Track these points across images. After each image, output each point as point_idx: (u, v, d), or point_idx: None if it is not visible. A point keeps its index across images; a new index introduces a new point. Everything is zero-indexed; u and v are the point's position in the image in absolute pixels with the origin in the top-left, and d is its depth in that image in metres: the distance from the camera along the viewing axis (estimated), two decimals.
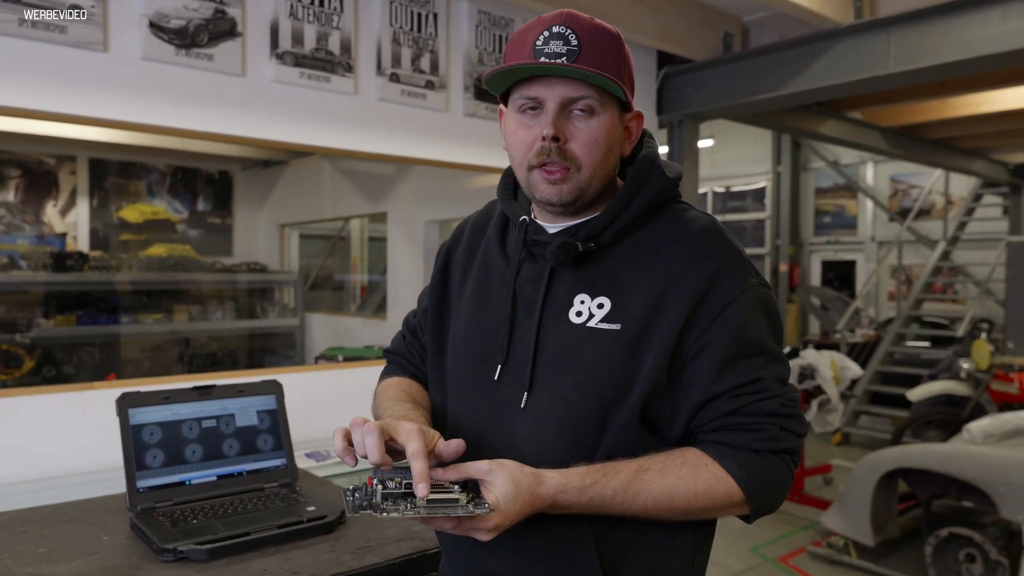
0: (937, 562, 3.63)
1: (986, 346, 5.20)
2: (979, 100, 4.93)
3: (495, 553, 1.02)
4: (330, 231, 5.96)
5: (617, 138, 1.02)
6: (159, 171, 5.38)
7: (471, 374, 1.08)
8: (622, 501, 0.93)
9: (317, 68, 2.45)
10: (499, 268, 1.11)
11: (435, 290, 1.20)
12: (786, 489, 1.02)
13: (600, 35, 0.97)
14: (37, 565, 1.33)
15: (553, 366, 1.00)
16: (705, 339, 0.97)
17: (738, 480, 0.96)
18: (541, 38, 0.96)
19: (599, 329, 0.99)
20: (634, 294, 0.99)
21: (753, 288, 1.00)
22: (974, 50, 2.83)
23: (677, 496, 0.94)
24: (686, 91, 3.66)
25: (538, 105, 0.98)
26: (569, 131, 0.98)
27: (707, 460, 0.97)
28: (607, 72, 0.95)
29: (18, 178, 4.82)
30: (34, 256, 4.35)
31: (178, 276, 4.83)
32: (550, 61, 0.95)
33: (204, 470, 1.62)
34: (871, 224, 9.83)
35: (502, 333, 1.05)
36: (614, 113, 1.00)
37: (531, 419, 1.01)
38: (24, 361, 4.12)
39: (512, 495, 0.88)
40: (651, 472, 0.95)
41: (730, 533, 4.48)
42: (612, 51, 0.98)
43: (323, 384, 2.58)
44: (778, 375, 1.00)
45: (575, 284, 1.03)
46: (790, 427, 0.99)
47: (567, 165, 0.98)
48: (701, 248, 1.01)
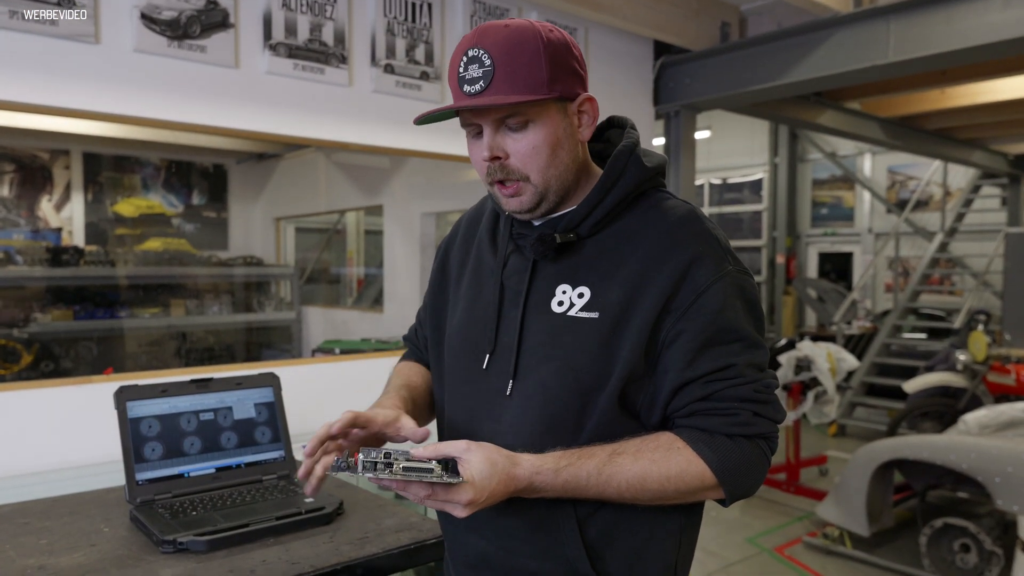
0: (932, 552, 3.65)
1: (983, 338, 5.21)
2: (979, 90, 4.92)
3: (485, 536, 1.07)
4: (326, 224, 5.95)
5: (564, 133, 1.02)
6: (153, 165, 5.36)
7: (463, 364, 1.12)
8: (596, 484, 0.96)
9: (311, 59, 2.44)
10: (489, 261, 1.14)
11: (433, 286, 1.25)
12: (761, 474, 1.02)
13: (513, 45, 0.96)
14: (39, 556, 1.34)
15: (536, 354, 1.04)
16: (680, 326, 0.99)
17: (709, 463, 0.97)
18: (462, 64, 0.99)
19: (579, 318, 1.02)
20: (612, 283, 1.01)
21: (730, 275, 1.01)
22: (975, 39, 2.82)
23: (650, 479, 0.96)
24: (683, 81, 3.65)
25: (479, 128, 1.02)
26: (508, 147, 1.01)
27: (680, 444, 0.98)
28: (524, 83, 0.96)
29: (12, 173, 4.80)
30: (30, 251, 4.33)
31: (174, 270, 4.82)
32: (471, 88, 0.97)
33: (202, 462, 1.62)
34: (868, 216, 9.83)
35: (490, 324, 1.09)
36: (553, 113, 1.00)
37: (516, 406, 1.04)
38: (22, 356, 4.11)
39: (487, 472, 0.91)
40: (624, 456, 0.97)
41: (725, 523, 4.51)
42: (526, 59, 0.96)
43: (320, 377, 2.59)
44: (754, 361, 1.01)
45: (557, 275, 1.06)
46: (764, 412, 1.00)
47: (516, 178, 1.02)
48: (678, 236, 1.02)
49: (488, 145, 1.01)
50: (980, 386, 5.15)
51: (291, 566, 1.29)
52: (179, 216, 5.46)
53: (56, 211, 4.94)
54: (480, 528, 1.08)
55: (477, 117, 1.00)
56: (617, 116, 1.15)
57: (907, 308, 7.62)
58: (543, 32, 0.98)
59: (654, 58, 3.67)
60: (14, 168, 4.81)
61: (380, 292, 4.96)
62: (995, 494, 3.30)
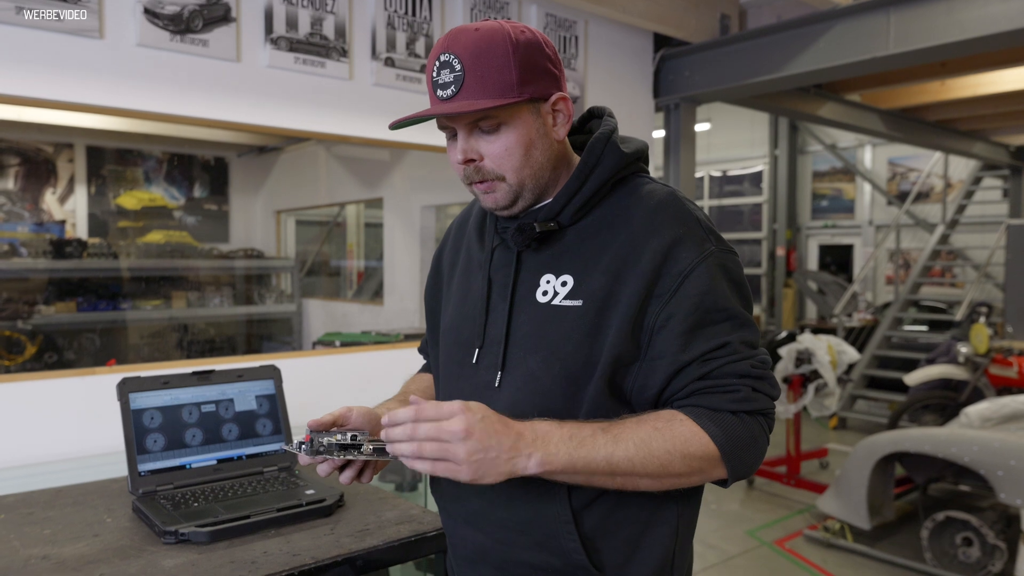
0: (934, 546, 3.64)
1: (985, 330, 5.20)
2: (979, 81, 4.91)
3: (482, 530, 1.08)
4: (326, 217, 5.96)
5: (538, 134, 1.02)
6: (155, 158, 5.36)
7: (456, 360, 1.14)
8: (603, 443, 0.93)
9: (312, 53, 2.44)
10: (477, 257, 1.16)
11: (430, 292, 1.27)
12: (762, 451, 1.02)
13: (483, 50, 0.97)
14: (43, 546, 1.35)
15: (523, 346, 1.04)
16: (668, 311, 0.99)
17: (713, 437, 0.96)
18: (435, 69, 1.00)
19: (562, 307, 1.02)
20: (595, 270, 1.02)
21: (712, 255, 1.01)
22: (975, 30, 2.82)
23: (655, 444, 0.94)
24: (683, 74, 3.64)
25: (454, 131, 1.03)
26: (482, 149, 1.02)
27: (682, 416, 0.97)
28: (493, 87, 0.97)
29: (17, 166, 4.81)
30: (34, 243, 4.36)
31: (176, 263, 4.84)
32: (443, 93, 0.99)
33: (204, 454, 1.63)
34: (869, 208, 9.82)
35: (479, 318, 1.10)
36: (525, 114, 1.01)
37: (505, 398, 1.04)
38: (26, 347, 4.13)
39: (480, 408, 0.90)
40: (627, 422, 0.96)
41: (725, 516, 4.52)
42: (496, 62, 0.97)
43: (321, 369, 2.60)
44: (746, 339, 1.01)
45: (541, 265, 1.06)
46: (762, 388, 1.00)
47: (490, 178, 1.03)
48: (657, 220, 1.02)
49: (462, 148, 1.02)
50: (982, 379, 5.14)
51: (292, 558, 1.31)
52: (181, 209, 5.47)
53: (60, 204, 4.96)
54: (477, 522, 1.08)
55: (451, 121, 1.02)
56: (597, 107, 1.16)
57: (908, 300, 7.62)
58: (513, 34, 0.98)
59: (654, 51, 3.67)
60: (19, 161, 4.82)
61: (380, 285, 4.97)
62: (998, 488, 3.30)
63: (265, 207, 5.75)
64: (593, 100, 3.32)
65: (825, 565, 3.80)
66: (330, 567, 1.31)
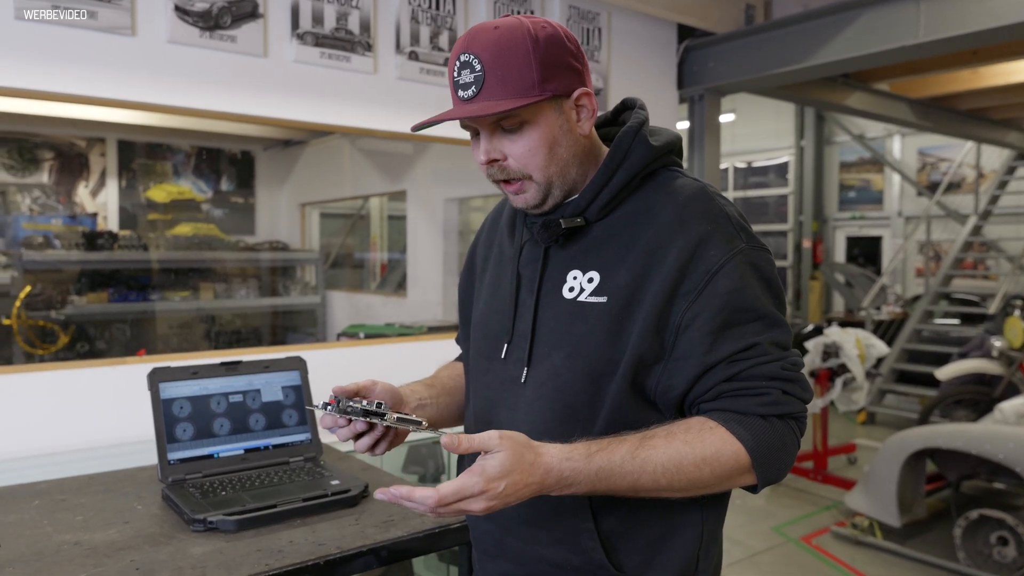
0: (967, 545, 3.55)
1: (1020, 323, 5.08)
2: (1012, 69, 4.78)
3: (502, 525, 1.08)
4: (350, 210, 6.00)
5: (561, 131, 1.01)
6: (184, 152, 5.45)
7: (485, 354, 1.13)
8: (631, 470, 0.91)
9: (337, 48, 2.46)
10: (508, 252, 1.15)
11: (463, 285, 1.28)
12: (792, 456, 0.99)
13: (503, 48, 0.95)
14: (75, 532, 1.39)
15: (548, 341, 1.03)
16: (695, 310, 0.96)
17: (744, 443, 0.93)
18: (455, 69, 0.99)
19: (588, 303, 1.01)
20: (621, 266, 1.00)
21: (742, 252, 0.98)
22: (1008, 17, 2.74)
23: (685, 461, 0.92)
24: (707, 65, 3.60)
25: (477, 130, 1.03)
26: (505, 149, 1.01)
27: (711, 424, 0.95)
28: (514, 87, 0.95)
29: (51, 160, 4.92)
30: (67, 236, 4.46)
31: (203, 255, 4.92)
32: (464, 94, 0.98)
33: (232, 443, 1.66)
34: (898, 199, 9.63)
35: (507, 313, 1.10)
36: (548, 112, 0.99)
37: (530, 393, 1.04)
38: (59, 337, 4.23)
39: (508, 465, 0.87)
40: (656, 439, 0.93)
41: (751, 512, 4.49)
42: (517, 61, 0.95)
43: (345, 361, 2.63)
44: (777, 340, 0.98)
45: (568, 260, 1.05)
46: (793, 391, 0.97)
47: (516, 178, 1.02)
48: (686, 216, 1.00)
49: (484, 149, 1.01)
50: (1017, 373, 5.03)
51: (317, 547, 1.32)
52: (208, 202, 5.54)
53: (92, 197, 5.06)
54: (497, 516, 1.06)
55: (473, 121, 1.00)
56: (630, 98, 1.13)
57: (939, 293, 7.47)
58: (533, 30, 0.96)
59: (678, 42, 3.63)
60: (53, 155, 4.93)
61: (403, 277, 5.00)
62: None
63: (290, 200, 5.81)
64: (616, 92, 3.30)
65: (853, 563, 3.75)
66: (355, 557, 1.32)
